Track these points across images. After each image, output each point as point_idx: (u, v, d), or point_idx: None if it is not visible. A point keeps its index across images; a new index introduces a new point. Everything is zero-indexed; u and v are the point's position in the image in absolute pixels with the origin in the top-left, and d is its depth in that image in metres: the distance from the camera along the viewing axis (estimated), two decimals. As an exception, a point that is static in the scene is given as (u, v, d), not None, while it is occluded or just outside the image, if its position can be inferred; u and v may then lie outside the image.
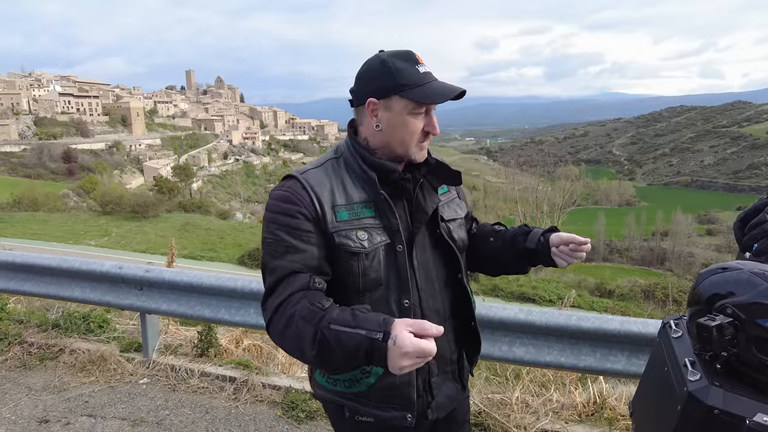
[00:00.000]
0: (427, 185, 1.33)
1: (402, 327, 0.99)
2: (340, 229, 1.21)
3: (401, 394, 1.29)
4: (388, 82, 1.20)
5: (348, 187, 1.26)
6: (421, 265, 1.31)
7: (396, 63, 1.21)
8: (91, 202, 43.68)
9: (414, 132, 1.25)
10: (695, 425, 1.20)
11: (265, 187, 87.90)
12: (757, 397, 1.14)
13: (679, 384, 1.28)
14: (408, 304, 1.26)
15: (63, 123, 79.14)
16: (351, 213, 1.23)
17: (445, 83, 1.23)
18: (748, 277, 1.25)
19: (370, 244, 1.23)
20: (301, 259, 1.18)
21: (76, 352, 3.65)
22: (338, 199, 1.24)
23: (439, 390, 1.36)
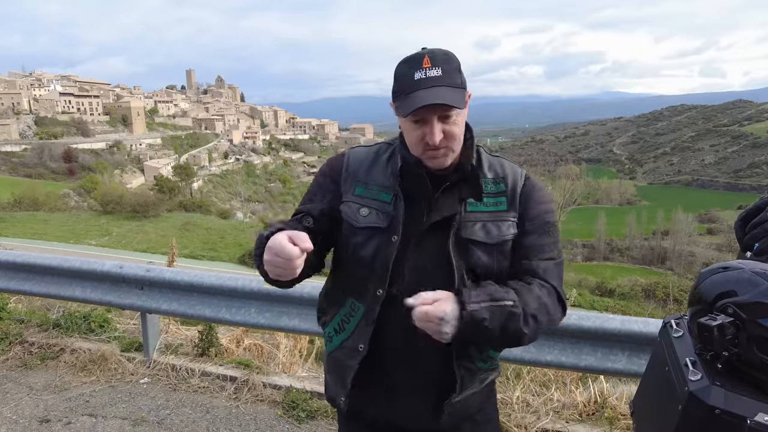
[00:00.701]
0: (455, 191, 1.27)
1: (285, 232, 1.08)
2: (350, 200, 1.30)
3: (341, 374, 1.33)
4: (393, 87, 1.23)
5: (378, 170, 1.32)
6: (416, 267, 1.25)
7: (398, 69, 1.22)
8: (92, 202, 43.73)
9: (412, 141, 1.23)
10: (696, 425, 1.20)
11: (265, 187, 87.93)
12: (759, 397, 1.14)
13: (680, 383, 1.28)
14: (381, 294, 1.25)
15: (64, 122, 79.21)
16: (367, 191, 1.30)
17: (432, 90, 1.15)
18: (749, 277, 1.24)
19: (364, 221, 1.27)
20: (311, 207, 1.32)
21: (77, 351, 3.65)
22: (362, 176, 1.32)
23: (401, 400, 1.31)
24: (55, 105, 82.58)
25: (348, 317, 1.32)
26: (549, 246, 1.29)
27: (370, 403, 1.33)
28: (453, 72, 1.19)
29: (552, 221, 1.32)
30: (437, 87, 1.15)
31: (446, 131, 1.19)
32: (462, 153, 1.28)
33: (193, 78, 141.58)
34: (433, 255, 1.25)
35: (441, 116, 1.18)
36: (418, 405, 1.32)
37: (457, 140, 1.23)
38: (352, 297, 1.31)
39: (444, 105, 1.15)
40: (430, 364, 1.29)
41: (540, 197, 1.32)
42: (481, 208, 1.27)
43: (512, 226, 1.28)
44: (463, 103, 1.19)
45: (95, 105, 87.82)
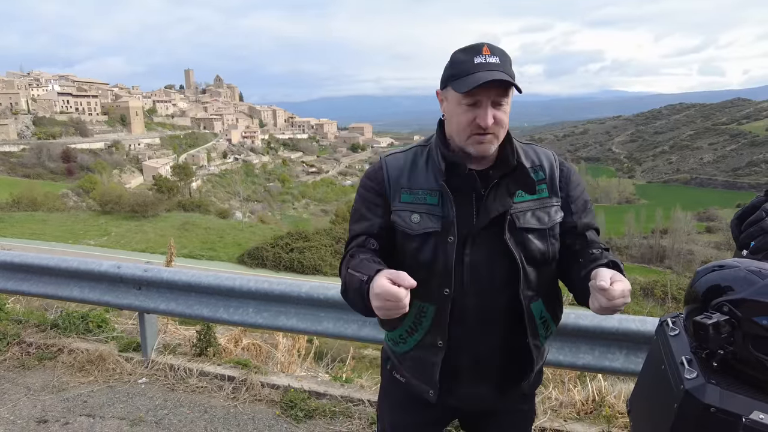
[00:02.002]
0: (503, 187, 1.30)
1: (382, 274, 1.12)
2: (399, 209, 1.35)
3: (426, 370, 1.39)
4: (445, 73, 1.28)
5: (420, 174, 1.36)
6: (474, 264, 1.31)
7: (456, 55, 1.26)
8: (91, 202, 43.70)
9: (461, 123, 1.26)
10: (692, 423, 1.20)
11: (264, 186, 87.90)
12: (754, 395, 1.14)
13: (675, 382, 1.28)
14: (448, 293, 1.31)
15: (62, 122, 79.11)
16: (414, 197, 1.34)
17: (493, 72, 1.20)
18: (744, 275, 1.25)
19: (418, 228, 1.32)
20: (368, 226, 1.37)
21: (75, 351, 3.65)
22: (405, 182, 1.36)
23: (469, 384, 1.39)
24: (54, 105, 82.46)
25: (419, 318, 1.37)
26: (593, 220, 1.42)
27: (453, 391, 1.41)
28: (509, 64, 1.25)
29: (588, 198, 1.43)
30: (496, 71, 1.20)
31: (496, 117, 1.24)
32: (503, 147, 1.32)
33: (191, 78, 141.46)
34: (491, 249, 1.30)
35: (494, 102, 1.23)
36: (484, 386, 1.40)
37: (503, 128, 1.27)
38: (418, 299, 1.33)
39: (503, 85, 1.21)
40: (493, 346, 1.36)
41: (576, 180, 1.41)
42: (526, 198, 1.33)
43: (558, 211, 1.36)
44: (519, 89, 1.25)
45: (93, 105, 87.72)
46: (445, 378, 1.39)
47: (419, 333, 1.38)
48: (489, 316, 1.33)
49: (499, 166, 1.31)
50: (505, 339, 1.36)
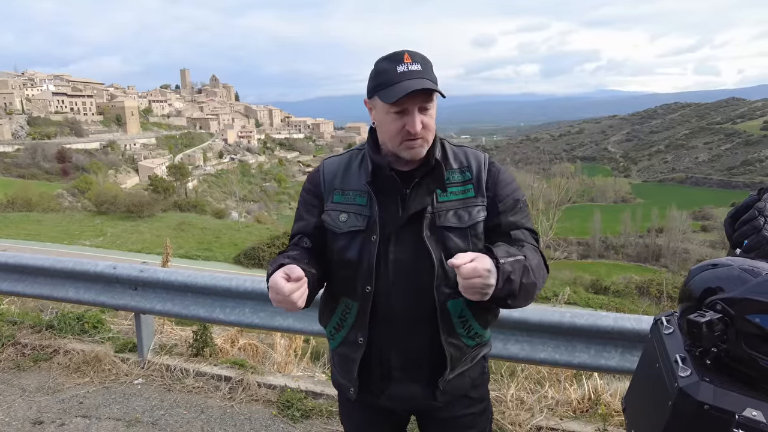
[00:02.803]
0: (423, 186, 1.35)
1: (282, 269, 1.20)
2: (330, 209, 1.40)
3: (348, 367, 1.44)
4: (370, 82, 1.32)
5: (352, 175, 1.41)
6: (398, 261, 1.34)
7: (379, 64, 1.30)
8: (86, 202, 43.50)
9: (391, 131, 1.30)
10: (686, 420, 1.21)
11: (260, 186, 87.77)
12: (747, 392, 1.15)
13: (670, 380, 1.29)
14: (369, 290, 1.35)
15: (57, 122, 78.74)
16: (344, 197, 1.40)
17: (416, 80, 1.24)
18: (738, 274, 1.25)
19: (344, 226, 1.37)
20: (303, 225, 1.45)
21: (71, 352, 3.63)
22: (338, 184, 1.42)
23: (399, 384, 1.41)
24: (48, 105, 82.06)
25: (345, 315, 1.42)
26: (523, 219, 1.42)
27: (374, 390, 1.44)
28: (430, 70, 1.29)
29: (520, 198, 1.43)
30: (420, 78, 1.25)
31: (424, 122, 1.28)
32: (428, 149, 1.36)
33: (187, 77, 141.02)
34: (412, 247, 1.34)
35: (421, 107, 1.27)
36: (414, 387, 1.41)
37: (431, 132, 1.32)
38: (345, 296, 1.41)
39: (427, 93, 1.25)
40: (420, 346, 1.38)
41: (505, 179, 1.42)
42: (451, 198, 1.37)
43: (482, 210, 1.38)
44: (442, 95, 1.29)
45: (89, 105, 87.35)
46: (375, 378, 1.42)
47: (344, 330, 1.42)
48: (415, 315, 1.36)
49: (422, 167, 1.35)
50: (431, 338, 1.37)
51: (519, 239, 1.38)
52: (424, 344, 1.38)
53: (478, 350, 1.48)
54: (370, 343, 1.39)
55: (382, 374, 1.41)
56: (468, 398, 1.49)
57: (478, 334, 1.44)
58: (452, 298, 1.36)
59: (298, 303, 1.20)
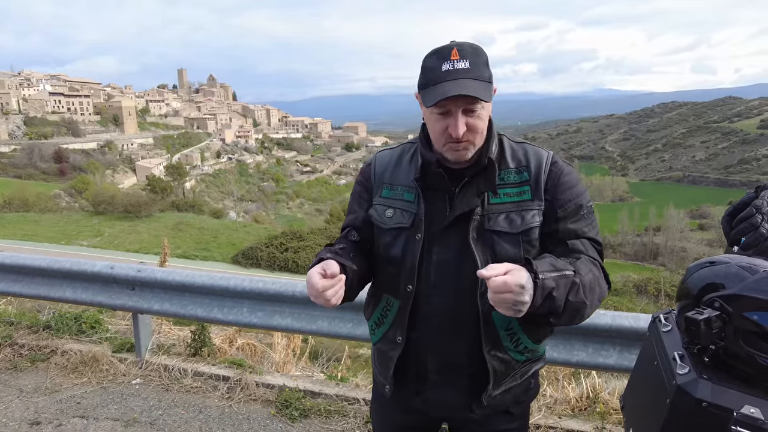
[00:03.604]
0: (473, 186, 1.27)
1: (320, 264, 1.19)
2: (377, 203, 1.37)
3: (385, 364, 1.40)
4: (419, 79, 1.24)
5: (402, 170, 1.37)
6: (441, 262, 1.28)
7: (426, 61, 1.22)
8: (84, 202, 43.39)
9: (435, 132, 1.24)
10: (684, 418, 1.21)
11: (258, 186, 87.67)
12: (745, 389, 1.15)
13: (668, 377, 1.29)
14: (411, 290, 1.30)
15: (53, 122, 78.53)
16: (392, 192, 1.36)
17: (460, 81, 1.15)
18: (736, 271, 1.26)
19: (390, 222, 1.33)
20: (353, 218, 1.43)
21: (68, 353, 3.62)
22: (387, 178, 1.38)
23: (435, 388, 1.35)
24: (45, 105, 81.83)
25: (386, 311, 1.38)
26: (586, 227, 1.29)
27: (408, 391, 1.40)
28: (480, 65, 1.19)
29: (584, 203, 1.29)
30: (464, 79, 1.15)
31: (470, 124, 1.20)
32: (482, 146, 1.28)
33: (184, 77, 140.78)
34: (456, 249, 1.27)
35: (466, 109, 1.18)
36: (451, 395, 1.35)
37: (480, 134, 1.24)
38: (387, 293, 1.37)
39: (470, 97, 1.15)
40: (459, 353, 1.31)
41: (568, 182, 1.29)
42: (505, 200, 1.27)
43: (537, 215, 1.27)
44: (489, 96, 1.19)
45: (86, 105, 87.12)
46: (410, 378, 1.37)
47: (385, 326, 1.39)
48: (455, 320, 1.29)
49: (474, 165, 1.27)
50: (471, 346, 1.30)
51: (577, 250, 1.26)
52: (464, 352, 1.31)
53: (530, 366, 1.38)
54: (408, 343, 1.34)
55: (418, 375, 1.36)
56: (508, 414, 1.40)
57: (529, 349, 1.34)
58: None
59: (331, 300, 1.17)
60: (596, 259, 1.27)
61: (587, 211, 1.30)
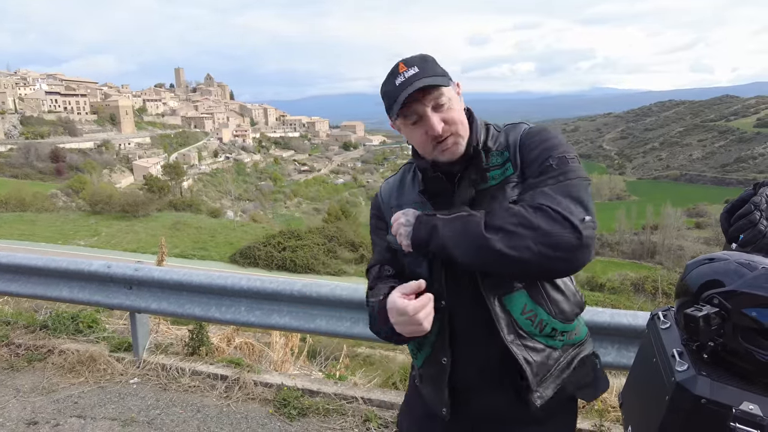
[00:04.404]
0: (466, 179, 1.26)
1: (396, 290, 1.15)
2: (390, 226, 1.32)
3: (438, 388, 1.34)
4: (385, 108, 1.26)
5: (406, 190, 1.37)
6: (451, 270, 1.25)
7: (383, 88, 1.24)
8: (81, 202, 43.25)
9: (419, 143, 1.25)
10: (683, 415, 1.21)
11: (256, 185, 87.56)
12: (743, 386, 1.15)
13: (667, 374, 1.29)
14: (443, 305, 1.26)
15: (50, 122, 78.25)
16: None
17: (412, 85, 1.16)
18: (735, 268, 1.25)
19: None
20: (378, 252, 1.41)
21: (65, 352, 3.61)
22: (394, 201, 1.38)
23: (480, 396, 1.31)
24: (41, 104, 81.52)
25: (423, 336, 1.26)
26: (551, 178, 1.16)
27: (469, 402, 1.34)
28: (430, 66, 1.20)
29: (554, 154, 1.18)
30: (416, 81, 1.16)
31: (445, 119, 1.19)
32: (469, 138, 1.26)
33: (182, 76, 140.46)
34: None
35: (434, 106, 1.19)
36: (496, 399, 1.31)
37: (461, 124, 1.22)
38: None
39: (428, 90, 1.17)
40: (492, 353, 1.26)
41: (535, 141, 1.22)
42: (491, 183, 1.24)
43: (517, 187, 1.21)
44: (446, 82, 1.19)
45: (82, 104, 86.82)
46: (461, 393, 1.32)
47: (426, 348, 1.34)
48: (480, 318, 1.25)
49: (461, 162, 1.26)
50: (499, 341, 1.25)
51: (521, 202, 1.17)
52: (496, 351, 1.25)
53: (571, 352, 1.32)
54: (453, 361, 1.29)
55: (466, 389, 1.32)
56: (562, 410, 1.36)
57: (559, 330, 1.28)
58: (510, 293, 1.22)
59: (424, 323, 1.10)
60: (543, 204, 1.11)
61: (557, 161, 1.17)
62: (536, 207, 1.12)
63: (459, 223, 1.15)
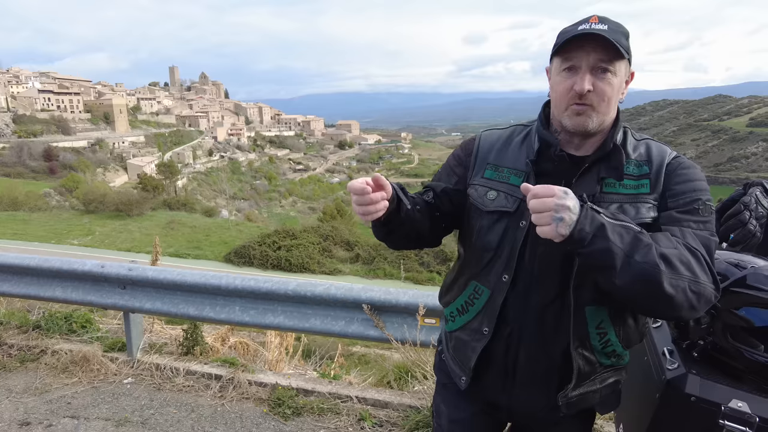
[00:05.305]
0: (594, 173, 1.18)
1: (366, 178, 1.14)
2: (478, 183, 1.29)
3: (465, 354, 1.32)
4: (553, 45, 1.18)
5: (511, 152, 1.28)
6: (544, 254, 1.18)
7: (563, 29, 1.17)
8: (74, 201, 42.95)
9: (559, 92, 1.16)
10: (673, 412, 1.22)
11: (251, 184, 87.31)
12: (733, 384, 1.16)
13: (657, 372, 1.31)
14: (506, 279, 1.22)
15: (43, 120, 77.64)
16: (497, 174, 1.28)
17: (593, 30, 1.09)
18: (724, 267, 1.27)
19: (492, 205, 1.25)
20: (436, 183, 1.37)
21: (58, 353, 3.59)
22: (492, 158, 1.30)
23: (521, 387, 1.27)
24: (34, 102, 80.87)
25: (472, 299, 1.30)
26: (695, 223, 1.12)
27: (488, 385, 1.32)
28: (621, 33, 1.12)
29: (703, 199, 1.14)
30: (600, 34, 1.09)
31: (597, 87, 1.11)
32: (608, 132, 1.20)
33: (176, 75, 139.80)
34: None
35: (595, 68, 1.11)
36: (535, 392, 1.27)
37: (606, 102, 1.13)
38: (476, 280, 1.29)
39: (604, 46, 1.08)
40: (553, 351, 1.23)
41: (686, 174, 1.17)
42: (620, 190, 1.17)
43: (652, 209, 1.16)
44: (624, 55, 1.11)
45: (76, 102, 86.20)
46: (495, 373, 1.29)
47: (469, 314, 1.31)
48: (553, 313, 1.21)
49: (597, 152, 1.19)
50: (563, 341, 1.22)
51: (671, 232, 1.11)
52: (556, 349, 1.23)
53: (611, 374, 1.28)
54: (496, 335, 1.26)
55: (506, 371, 1.28)
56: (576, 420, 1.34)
57: (616, 353, 1.24)
58: (592, 304, 1.18)
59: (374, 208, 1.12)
60: (696, 249, 1.07)
61: (704, 207, 1.14)
62: (691, 250, 1.07)
63: (629, 235, 1.02)
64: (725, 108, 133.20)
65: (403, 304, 2.77)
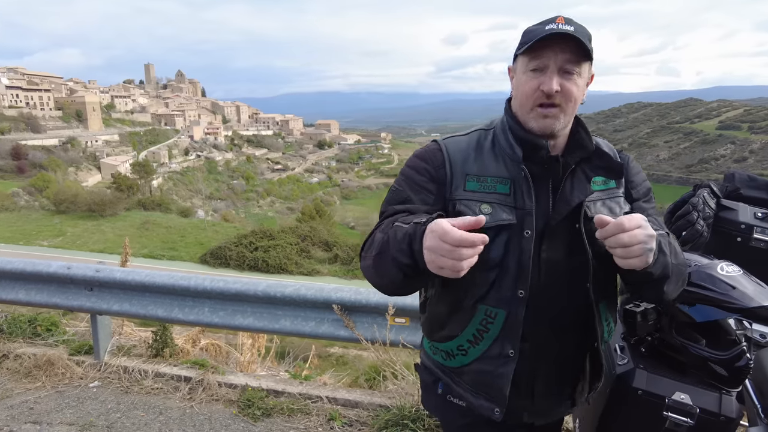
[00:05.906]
0: (580, 173, 1.19)
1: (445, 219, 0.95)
2: (463, 198, 1.17)
3: (494, 384, 1.21)
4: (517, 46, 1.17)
5: (487, 159, 1.19)
6: (550, 261, 1.16)
7: (528, 28, 1.15)
8: (44, 201, 41.80)
9: (525, 93, 1.13)
10: (621, 406, 1.26)
11: (228, 184, 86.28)
12: (676, 377, 1.21)
13: (609, 368, 1.35)
14: (523, 295, 1.14)
15: (11, 118, 75.32)
16: (481, 185, 1.17)
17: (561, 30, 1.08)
18: (672, 265, 1.31)
19: (490, 220, 1.13)
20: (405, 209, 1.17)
21: (21, 357, 3.50)
22: (471, 168, 1.19)
23: (541, 395, 1.24)
24: (2, 99, 78.44)
25: (485, 325, 1.18)
26: (652, 210, 1.27)
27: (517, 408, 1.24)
28: (586, 35, 1.11)
29: (650, 187, 1.30)
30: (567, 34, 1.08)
31: (564, 87, 1.10)
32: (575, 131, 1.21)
33: (152, 72, 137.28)
34: (565, 243, 1.16)
35: (562, 68, 1.10)
36: (555, 400, 1.27)
37: (572, 103, 1.13)
38: (485, 303, 1.18)
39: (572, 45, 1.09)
40: (569, 354, 1.22)
41: (636, 166, 1.29)
42: (594, 188, 1.20)
43: (625, 203, 1.23)
44: (589, 57, 1.12)
45: (46, 99, 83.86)
46: (518, 392, 1.21)
47: (485, 342, 1.19)
48: (566, 318, 1.19)
49: (574, 151, 1.18)
50: (578, 345, 1.22)
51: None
52: (573, 352, 1.22)
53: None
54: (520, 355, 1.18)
55: (527, 388, 1.22)
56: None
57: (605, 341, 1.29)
58: (601, 302, 1.20)
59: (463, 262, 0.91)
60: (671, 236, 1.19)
61: (652, 195, 1.29)
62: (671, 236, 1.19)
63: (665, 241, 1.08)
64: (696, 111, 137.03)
65: (373, 304, 2.79)
